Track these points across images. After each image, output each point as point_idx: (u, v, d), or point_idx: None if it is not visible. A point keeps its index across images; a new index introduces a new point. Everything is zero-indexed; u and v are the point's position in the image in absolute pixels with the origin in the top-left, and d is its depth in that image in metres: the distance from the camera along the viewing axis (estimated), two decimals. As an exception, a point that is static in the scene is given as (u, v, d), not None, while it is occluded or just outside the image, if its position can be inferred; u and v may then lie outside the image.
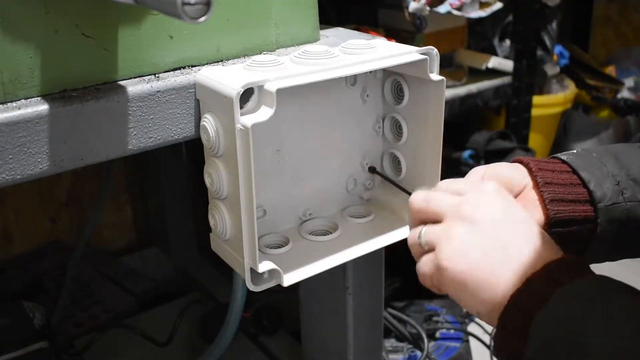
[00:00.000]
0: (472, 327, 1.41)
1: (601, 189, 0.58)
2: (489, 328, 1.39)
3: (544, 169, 0.60)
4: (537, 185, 0.59)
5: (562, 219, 0.58)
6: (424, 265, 0.54)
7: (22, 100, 0.52)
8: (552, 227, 0.58)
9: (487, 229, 0.50)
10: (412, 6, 1.18)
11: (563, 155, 0.62)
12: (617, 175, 0.59)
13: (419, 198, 0.56)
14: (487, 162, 1.56)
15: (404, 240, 0.69)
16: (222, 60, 0.63)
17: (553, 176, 0.60)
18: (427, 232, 0.54)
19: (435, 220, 0.54)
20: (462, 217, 0.51)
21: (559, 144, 2.22)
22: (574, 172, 0.60)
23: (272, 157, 0.67)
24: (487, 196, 0.53)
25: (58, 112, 0.51)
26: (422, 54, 0.62)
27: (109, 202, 1.39)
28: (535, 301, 0.46)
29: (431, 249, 0.53)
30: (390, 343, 1.23)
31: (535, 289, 0.46)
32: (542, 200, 0.58)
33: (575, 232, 0.59)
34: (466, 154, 1.55)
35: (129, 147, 0.56)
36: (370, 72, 0.69)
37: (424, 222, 0.55)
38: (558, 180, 0.59)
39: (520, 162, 0.62)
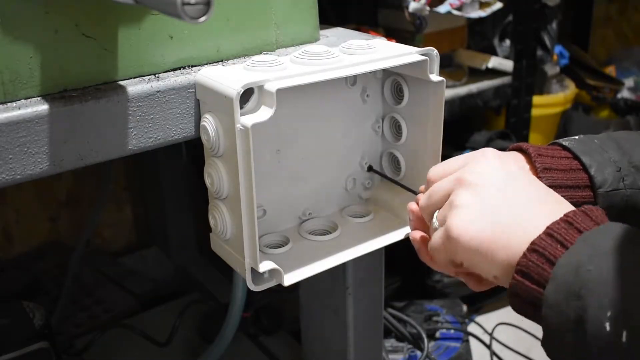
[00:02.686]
0: (472, 327, 1.41)
1: (602, 174, 0.58)
2: (489, 328, 1.39)
3: (543, 154, 0.59)
4: (536, 171, 0.59)
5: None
6: (435, 242, 0.53)
7: (22, 100, 0.52)
8: None
9: (491, 190, 0.50)
10: (412, 6, 1.18)
11: (564, 141, 0.61)
12: (618, 162, 0.58)
13: (422, 199, 0.57)
14: (487, 162, 1.56)
15: (404, 240, 0.69)
16: (222, 60, 0.63)
17: (552, 162, 0.59)
18: (438, 214, 0.54)
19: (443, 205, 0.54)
20: (465, 185, 0.51)
21: (559, 144, 2.21)
22: (575, 157, 0.59)
23: (272, 157, 0.67)
24: (487, 160, 0.53)
25: (58, 112, 0.51)
26: (422, 54, 0.62)
27: (109, 202, 1.39)
28: (557, 246, 0.45)
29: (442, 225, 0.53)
30: (390, 343, 1.23)
31: (557, 234, 0.46)
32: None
33: None
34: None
35: (129, 147, 0.56)
36: (370, 72, 0.69)
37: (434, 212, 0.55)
38: (558, 166, 0.59)
39: (520, 148, 0.61)
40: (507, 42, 1.56)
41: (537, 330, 1.47)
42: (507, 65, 1.50)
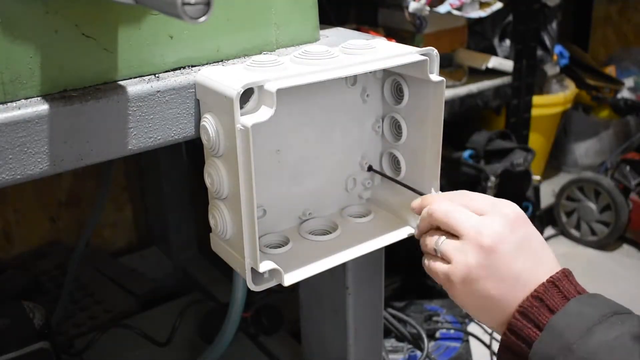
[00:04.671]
0: (472, 327, 1.41)
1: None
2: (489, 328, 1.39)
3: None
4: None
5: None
6: (436, 270, 0.59)
7: (22, 100, 0.52)
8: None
9: (501, 261, 0.55)
10: (412, 6, 1.18)
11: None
12: None
13: (441, 209, 0.59)
14: (487, 162, 1.56)
15: (404, 240, 0.69)
16: (222, 60, 0.63)
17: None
18: (445, 244, 0.58)
19: (453, 234, 0.58)
20: (480, 245, 0.55)
21: (559, 144, 2.22)
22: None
23: (272, 157, 0.67)
24: (507, 223, 0.56)
25: (58, 112, 0.51)
26: (422, 54, 0.62)
27: (109, 202, 1.39)
28: (531, 327, 0.53)
29: (446, 260, 0.58)
30: (390, 343, 1.23)
31: (530, 314, 0.53)
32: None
33: None
34: (466, 154, 1.55)
35: (129, 147, 0.56)
36: (370, 72, 0.69)
37: (440, 230, 0.60)
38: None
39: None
40: (507, 42, 1.56)
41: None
42: (507, 65, 1.50)
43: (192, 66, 0.61)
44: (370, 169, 0.75)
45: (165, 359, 1.09)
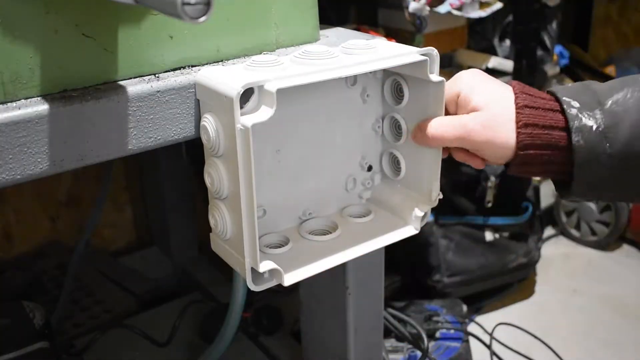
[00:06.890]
0: (472, 327, 1.41)
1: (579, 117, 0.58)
2: (489, 328, 1.39)
3: (526, 92, 0.61)
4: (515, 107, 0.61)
5: (534, 143, 0.60)
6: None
7: (22, 100, 0.52)
8: (523, 149, 0.60)
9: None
10: (412, 6, 1.18)
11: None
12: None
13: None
14: (487, 162, 1.56)
15: (404, 240, 0.69)
16: (222, 60, 0.63)
17: (533, 99, 0.61)
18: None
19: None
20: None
21: (559, 144, 2.22)
22: (557, 99, 0.60)
23: (272, 157, 0.67)
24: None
25: (58, 112, 0.51)
26: (422, 54, 0.62)
27: (109, 202, 1.39)
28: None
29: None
30: (390, 343, 1.23)
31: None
32: (517, 123, 0.60)
33: (550, 158, 0.60)
34: (466, 154, 1.55)
35: (129, 147, 0.56)
36: (370, 72, 0.69)
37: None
38: (535, 104, 0.60)
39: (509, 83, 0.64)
40: (507, 42, 1.56)
41: (537, 330, 1.49)
42: (507, 65, 1.50)
43: (192, 66, 0.61)
44: (370, 169, 0.75)
45: (165, 359, 1.09)
